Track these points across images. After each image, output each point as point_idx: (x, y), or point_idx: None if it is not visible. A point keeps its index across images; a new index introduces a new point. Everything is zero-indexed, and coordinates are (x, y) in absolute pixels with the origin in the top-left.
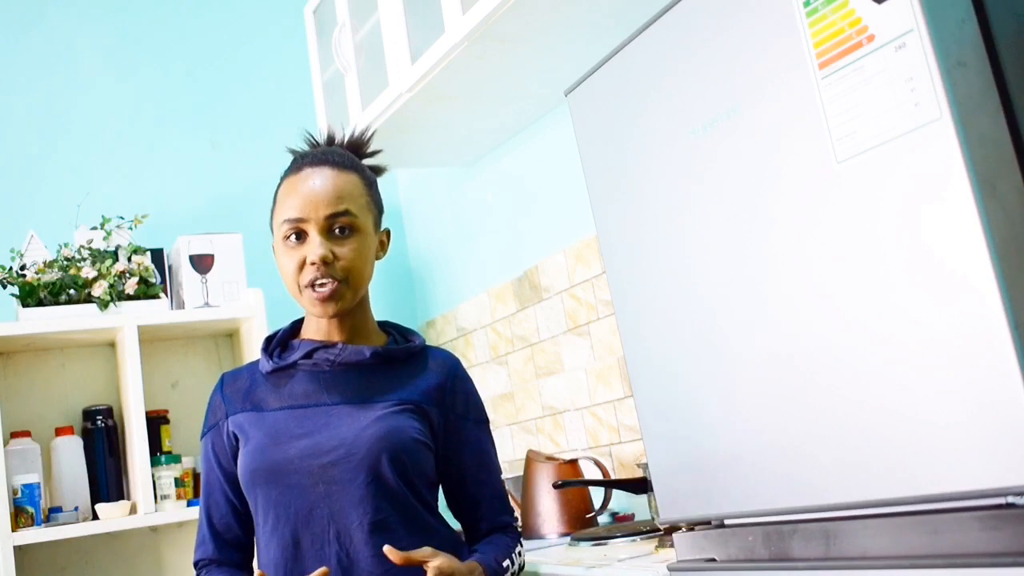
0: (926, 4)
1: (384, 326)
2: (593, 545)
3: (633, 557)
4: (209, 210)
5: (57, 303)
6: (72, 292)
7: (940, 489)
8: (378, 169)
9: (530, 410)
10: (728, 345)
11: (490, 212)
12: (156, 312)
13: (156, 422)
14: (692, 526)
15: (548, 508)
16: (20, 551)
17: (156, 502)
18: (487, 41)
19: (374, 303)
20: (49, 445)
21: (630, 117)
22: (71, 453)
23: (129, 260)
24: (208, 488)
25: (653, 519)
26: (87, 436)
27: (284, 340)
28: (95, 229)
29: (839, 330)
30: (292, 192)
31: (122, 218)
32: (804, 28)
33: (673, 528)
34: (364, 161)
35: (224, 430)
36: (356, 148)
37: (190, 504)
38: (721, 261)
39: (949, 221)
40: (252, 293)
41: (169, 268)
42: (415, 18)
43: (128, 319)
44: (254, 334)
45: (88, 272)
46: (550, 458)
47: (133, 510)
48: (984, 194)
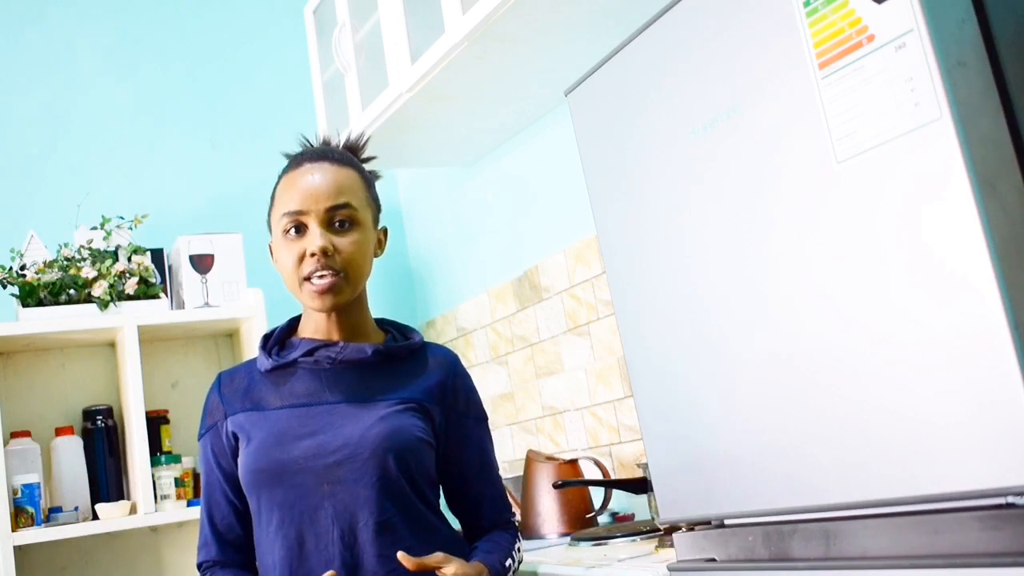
0: (926, 4)
1: (382, 324)
2: (593, 545)
3: (633, 557)
4: (209, 210)
5: (57, 303)
6: (72, 292)
7: (940, 489)
8: (373, 174)
9: (530, 410)
10: (728, 345)
11: (490, 212)
12: (156, 312)
13: (156, 422)
14: (692, 526)
15: (548, 508)
16: (20, 551)
17: (156, 502)
18: (487, 41)
19: (374, 303)
20: (49, 445)
21: (630, 117)
22: (71, 453)
23: (129, 260)
24: (209, 489)
25: (653, 519)
26: (87, 436)
27: (282, 338)
28: (95, 229)
29: (839, 330)
30: (291, 187)
31: (122, 218)
32: (804, 28)
33: (673, 528)
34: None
35: (223, 431)
36: (351, 152)
37: (190, 504)
38: (721, 261)
39: (949, 221)
40: (252, 293)
41: (169, 268)
42: (415, 18)
43: (128, 319)
44: (254, 334)
45: (88, 272)
46: (550, 458)
47: (133, 510)
48: (984, 194)
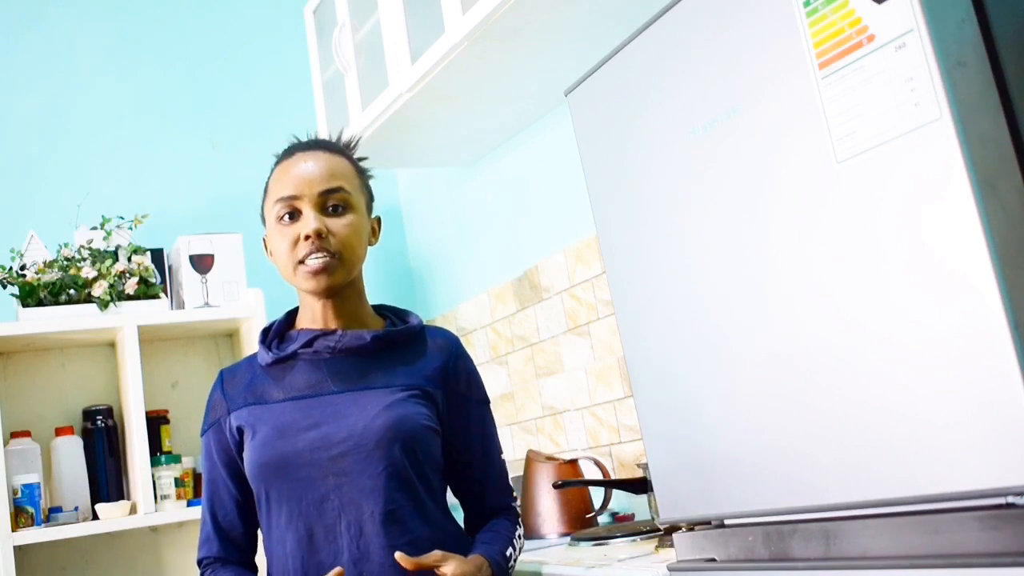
0: (926, 4)
1: (380, 310)
2: (593, 545)
3: (633, 557)
4: (209, 210)
5: (57, 303)
6: (72, 292)
7: (940, 489)
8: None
9: (530, 410)
10: (728, 345)
11: (490, 212)
12: (156, 312)
13: (156, 422)
14: (692, 526)
15: (548, 508)
16: (20, 551)
17: (156, 502)
18: (487, 41)
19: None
20: (49, 445)
21: (630, 117)
22: (71, 453)
23: (129, 260)
24: (211, 486)
25: (653, 519)
26: (87, 436)
27: (281, 331)
28: (95, 229)
29: (839, 330)
30: (284, 175)
31: (122, 218)
32: (804, 28)
33: (673, 528)
34: None
35: (226, 426)
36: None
37: (190, 504)
38: (721, 261)
39: (949, 221)
40: (252, 293)
41: (169, 268)
42: (415, 18)
43: (128, 319)
44: (254, 334)
45: (88, 272)
46: (550, 458)
47: (133, 510)
48: (984, 194)
